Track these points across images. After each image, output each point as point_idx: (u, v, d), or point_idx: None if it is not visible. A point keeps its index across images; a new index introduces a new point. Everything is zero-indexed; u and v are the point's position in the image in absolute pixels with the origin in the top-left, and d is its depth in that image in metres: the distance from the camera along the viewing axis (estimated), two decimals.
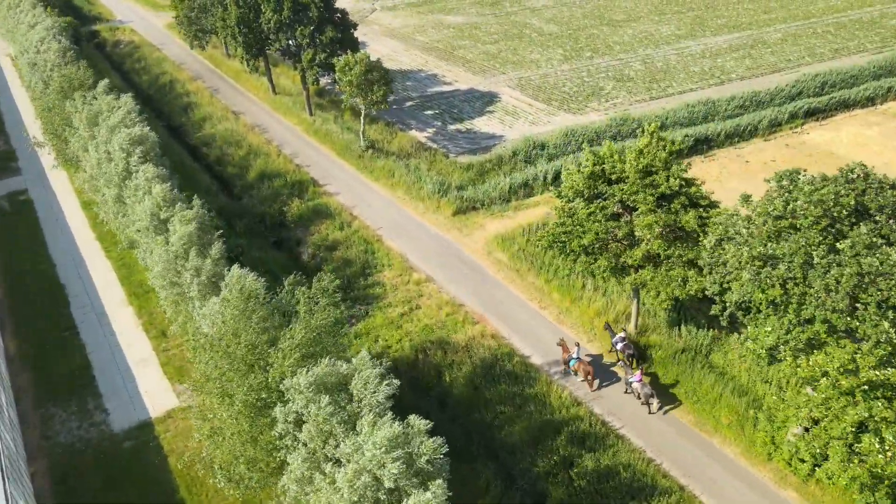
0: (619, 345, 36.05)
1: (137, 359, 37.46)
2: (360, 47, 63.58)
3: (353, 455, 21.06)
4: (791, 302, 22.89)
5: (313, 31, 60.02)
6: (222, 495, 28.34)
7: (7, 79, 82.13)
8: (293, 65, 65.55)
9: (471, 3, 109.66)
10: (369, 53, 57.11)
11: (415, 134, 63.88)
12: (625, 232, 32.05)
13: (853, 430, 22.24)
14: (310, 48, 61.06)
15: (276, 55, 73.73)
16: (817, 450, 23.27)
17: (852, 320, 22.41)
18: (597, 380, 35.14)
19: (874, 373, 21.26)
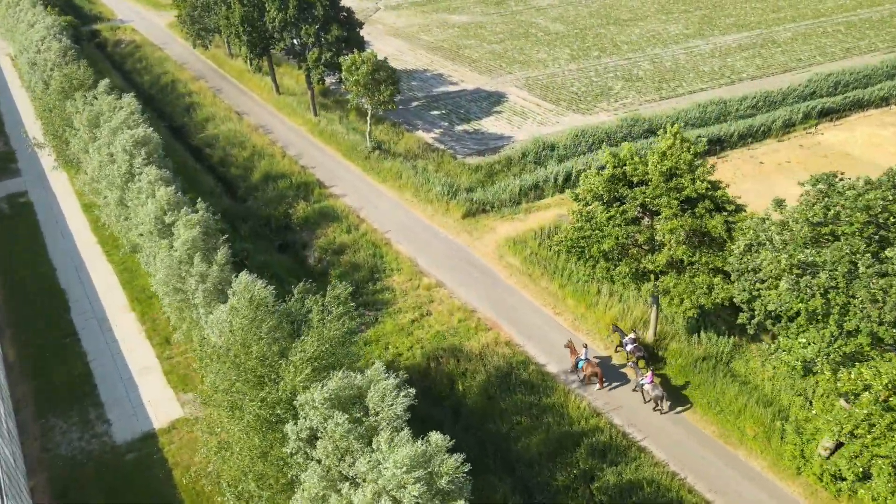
0: (629, 346, 35.28)
1: (140, 367, 36.30)
2: (365, 47, 62.42)
3: (369, 473, 19.96)
4: (832, 313, 21.73)
5: (318, 29, 58.86)
6: None
7: (7, 79, 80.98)
8: (297, 64, 64.38)
9: (475, 2, 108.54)
10: (376, 52, 55.92)
11: (421, 134, 62.74)
12: (646, 237, 30.87)
13: None
14: (315, 47, 59.90)
15: (279, 55, 72.62)
16: (860, 468, 22.09)
17: None
18: (605, 383, 34.38)
19: None
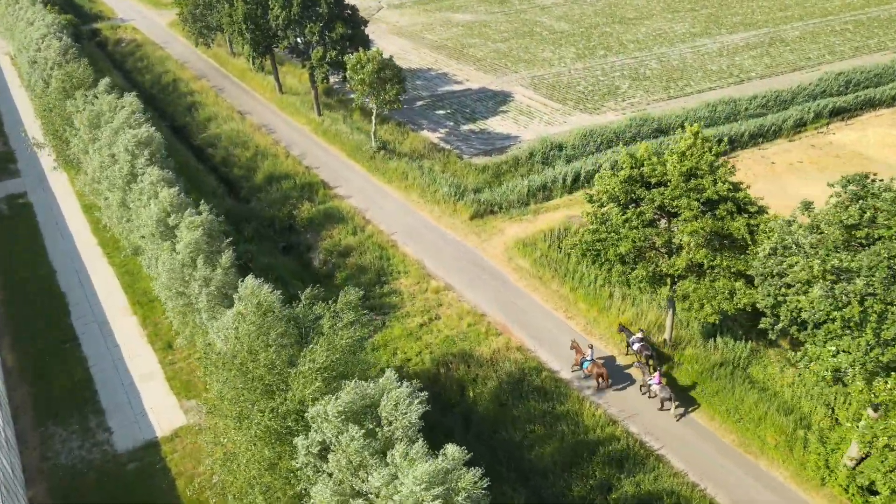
0: (637, 346, 34.54)
1: (142, 373, 35.36)
2: (370, 45, 61.42)
3: (383, 489, 19.05)
4: (869, 320, 20.78)
5: (323, 27, 57.93)
6: None
7: (6, 78, 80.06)
8: (301, 63, 63.42)
9: (479, 0, 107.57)
10: (382, 50, 54.96)
11: (427, 134, 61.79)
12: (664, 240, 29.91)
13: None
14: (319, 45, 58.96)
15: (282, 53, 71.71)
16: None
17: None
18: (611, 383, 33.73)
19: None
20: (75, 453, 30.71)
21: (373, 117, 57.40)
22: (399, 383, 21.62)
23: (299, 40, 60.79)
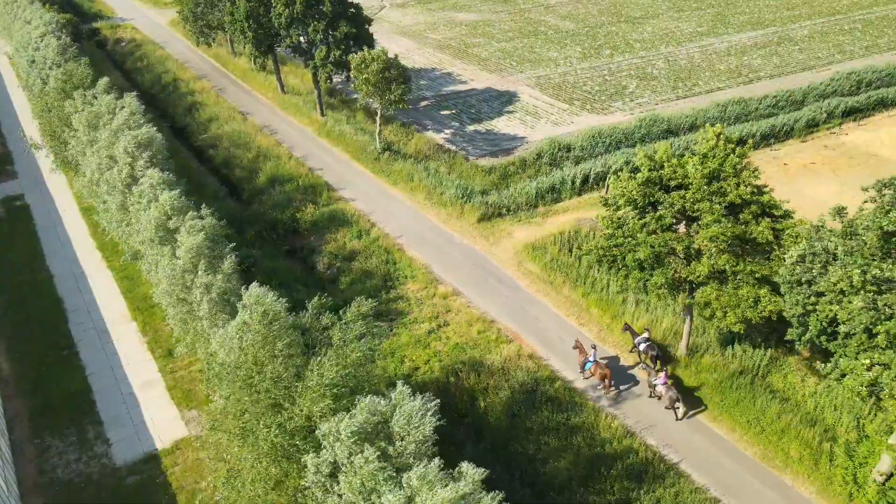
0: (642, 346, 33.74)
1: (142, 381, 34.24)
2: (374, 44, 60.31)
3: None
4: None
5: (327, 26, 56.79)
6: None
7: (4, 78, 78.96)
8: (304, 62, 62.27)
9: None
10: (387, 49, 53.83)
11: (432, 135, 60.69)
12: (684, 245, 28.76)
13: None
14: (323, 44, 57.83)
15: (284, 53, 70.58)
16: None
17: None
18: (615, 387, 32.96)
19: None
20: (73, 466, 29.57)
21: (377, 118, 56.28)
22: (412, 396, 20.58)
23: (302, 39, 59.64)
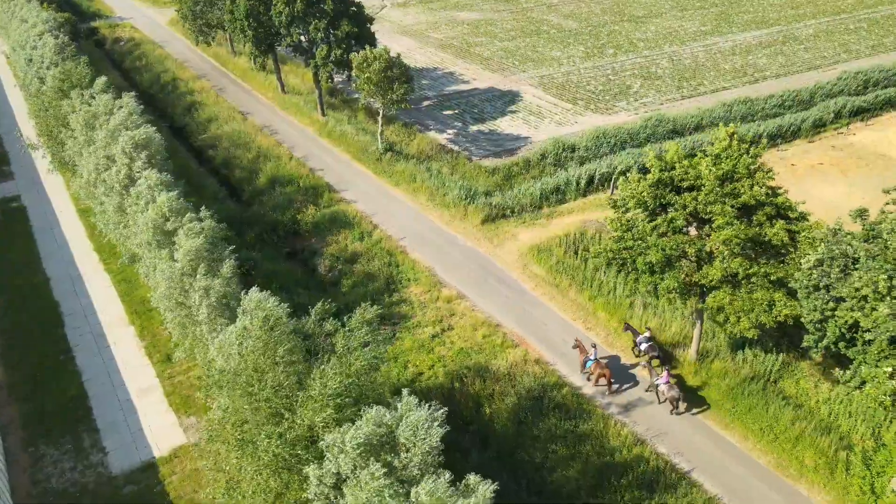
0: (644, 345, 33.36)
1: (139, 388, 33.44)
2: (376, 43, 59.53)
3: None
4: None
5: (328, 25, 56.02)
6: None
7: (0, 77, 78.15)
8: (305, 62, 61.50)
9: None
10: (389, 48, 53.06)
11: (434, 135, 59.92)
12: (696, 248, 27.98)
13: None
14: (324, 43, 57.05)
15: (284, 52, 69.80)
16: None
17: None
18: (615, 385, 32.59)
19: None
20: (68, 475, 28.78)
21: (379, 118, 55.52)
22: (418, 405, 19.82)
23: (303, 38, 58.86)
